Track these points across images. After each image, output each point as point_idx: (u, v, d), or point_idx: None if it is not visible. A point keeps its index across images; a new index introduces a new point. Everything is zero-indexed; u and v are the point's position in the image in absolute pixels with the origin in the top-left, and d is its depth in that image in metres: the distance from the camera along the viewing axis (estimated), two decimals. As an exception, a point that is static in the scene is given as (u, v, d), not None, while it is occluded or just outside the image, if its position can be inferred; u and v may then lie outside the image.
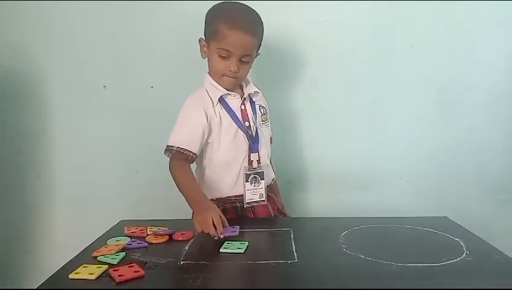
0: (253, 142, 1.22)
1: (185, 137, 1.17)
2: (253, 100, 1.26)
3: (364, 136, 1.55)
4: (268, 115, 1.30)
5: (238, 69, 1.15)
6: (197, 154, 1.19)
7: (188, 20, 1.44)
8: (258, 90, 1.27)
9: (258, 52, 1.22)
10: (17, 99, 1.54)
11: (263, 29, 1.20)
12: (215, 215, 1.03)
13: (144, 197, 1.52)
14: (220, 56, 1.15)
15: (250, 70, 1.21)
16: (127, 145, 1.54)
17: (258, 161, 1.22)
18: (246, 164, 1.21)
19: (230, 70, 1.15)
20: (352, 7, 1.47)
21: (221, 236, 1.01)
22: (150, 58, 1.50)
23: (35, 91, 1.53)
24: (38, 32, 1.50)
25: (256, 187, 1.22)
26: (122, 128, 1.53)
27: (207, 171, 1.23)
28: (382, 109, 1.53)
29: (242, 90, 1.25)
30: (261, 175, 1.22)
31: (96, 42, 1.50)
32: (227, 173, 1.21)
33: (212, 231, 1.01)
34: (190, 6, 1.43)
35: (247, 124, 1.21)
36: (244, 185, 1.20)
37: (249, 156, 1.21)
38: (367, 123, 1.54)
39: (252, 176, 1.21)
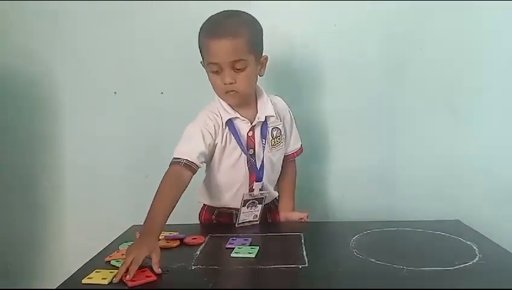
0: (258, 172, 1.16)
1: (194, 150, 1.09)
2: (267, 123, 1.18)
3: (375, 140, 1.54)
4: (283, 137, 1.22)
5: (233, 79, 1.07)
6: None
7: (198, 26, 1.46)
8: (273, 114, 1.17)
9: (263, 55, 1.14)
10: (28, 104, 1.56)
11: (253, 28, 1.11)
12: (138, 255, 0.85)
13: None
14: (213, 72, 1.09)
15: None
16: (137, 149, 1.55)
17: (261, 189, 1.18)
18: (246, 189, 1.17)
19: (225, 84, 1.08)
20: (361, 10, 1.47)
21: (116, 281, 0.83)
22: (160, 64, 1.51)
23: (46, 96, 1.55)
24: (50, 37, 1.52)
25: (252, 210, 1.18)
26: (133, 133, 1.54)
27: (207, 184, 1.23)
28: (392, 112, 1.52)
29: (257, 108, 1.17)
30: (260, 201, 1.17)
31: (106, 48, 1.51)
32: (224, 194, 1.19)
33: (120, 270, 0.84)
34: (201, 12, 1.44)
35: (251, 151, 1.16)
36: (241, 208, 1.16)
37: (252, 184, 1.17)
38: (377, 126, 1.53)
39: (251, 201, 1.17)
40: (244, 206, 1.16)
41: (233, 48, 1.05)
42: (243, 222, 1.18)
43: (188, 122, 1.20)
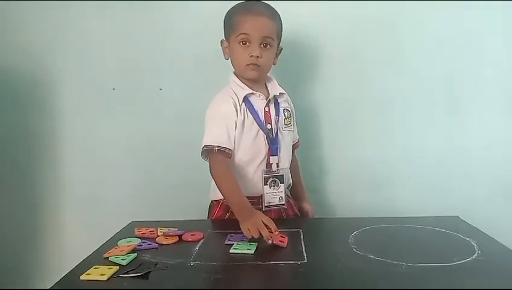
0: (273, 145, 1.20)
1: (222, 134, 1.15)
2: (278, 102, 1.24)
3: (373, 136, 1.54)
4: (292, 119, 1.28)
5: (260, 54, 1.15)
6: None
7: (197, 21, 1.45)
8: (284, 92, 1.26)
9: (280, 46, 1.22)
10: (27, 101, 1.55)
11: (280, 20, 1.21)
12: (263, 217, 1.02)
13: (153, 198, 1.53)
14: (241, 43, 1.16)
15: (273, 67, 1.23)
16: (136, 146, 1.54)
17: (277, 165, 1.21)
18: (264, 166, 1.20)
19: (252, 56, 1.15)
20: (360, 5, 1.47)
21: (271, 241, 0.97)
22: (159, 60, 1.50)
23: (45, 93, 1.54)
24: (49, 34, 1.51)
25: (275, 191, 1.20)
26: (131, 129, 1.54)
27: None
28: (390, 108, 1.52)
29: (267, 90, 1.24)
30: (281, 178, 1.20)
31: (105, 44, 1.51)
32: (242, 174, 1.19)
33: (265, 232, 0.98)
34: (200, 7, 1.44)
35: (269, 126, 1.20)
36: (263, 188, 1.18)
37: (268, 159, 1.20)
38: (375, 122, 1.54)
39: (271, 179, 1.20)
40: (266, 185, 1.18)
41: (268, 26, 1.16)
42: (269, 205, 1.19)
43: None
